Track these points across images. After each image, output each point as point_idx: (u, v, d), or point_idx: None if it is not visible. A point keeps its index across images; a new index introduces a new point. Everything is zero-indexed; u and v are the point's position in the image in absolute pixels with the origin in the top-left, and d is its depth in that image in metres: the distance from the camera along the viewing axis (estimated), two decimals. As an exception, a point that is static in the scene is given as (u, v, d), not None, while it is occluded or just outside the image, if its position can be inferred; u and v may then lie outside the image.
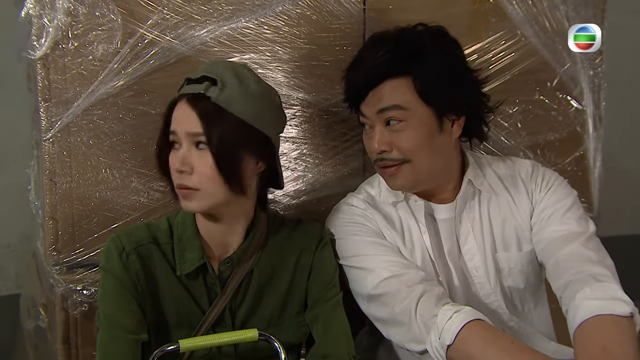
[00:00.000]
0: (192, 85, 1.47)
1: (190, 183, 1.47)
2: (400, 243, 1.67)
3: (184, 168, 1.46)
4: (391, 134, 1.59)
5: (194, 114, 1.45)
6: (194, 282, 1.55)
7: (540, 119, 2.02)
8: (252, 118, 1.48)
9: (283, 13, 1.79)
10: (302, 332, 1.64)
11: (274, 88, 1.57)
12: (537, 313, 1.75)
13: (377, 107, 1.59)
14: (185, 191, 1.48)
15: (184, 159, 1.46)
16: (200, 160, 1.46)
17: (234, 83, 1.47)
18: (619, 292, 1.49)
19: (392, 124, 1.59)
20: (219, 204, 1.50)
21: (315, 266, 1.62)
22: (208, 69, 1.48)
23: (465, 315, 1.48)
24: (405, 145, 1.59)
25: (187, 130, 1.46)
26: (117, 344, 1.49)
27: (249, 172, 1.51)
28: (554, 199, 1.69)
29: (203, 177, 1.46)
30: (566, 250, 1.60)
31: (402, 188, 1.66)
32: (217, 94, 1.45)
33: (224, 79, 1.47)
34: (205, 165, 1.46)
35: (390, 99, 1.58)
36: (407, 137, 1.58)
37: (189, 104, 1.46)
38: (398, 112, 1.58)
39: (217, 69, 1.49)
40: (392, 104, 1.58)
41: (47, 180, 1.71)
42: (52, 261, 1.73)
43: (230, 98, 1.46)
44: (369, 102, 1.60)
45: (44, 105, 1.68)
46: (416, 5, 1.87)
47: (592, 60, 2.02)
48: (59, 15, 1.64)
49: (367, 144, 1.65)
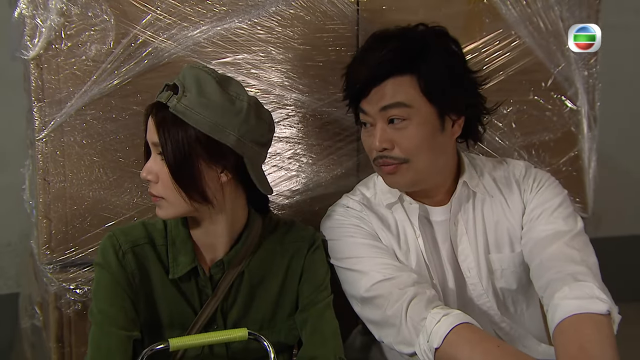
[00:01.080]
0: (161, 93, 1.48)
1: (155, 191, 1.50)
2: (396, 245, 1.68)
3: (148, 177, 1.50)
4: (393, 132, 1.59)
5: (153, 124, 1.47)
6: (186, 284, 1.56)
7: (534, 120, 2.02)
8: (211, 129, 1.45)
9: (276, 14, 1.79)
10: (293, 335, 1.64)
11: (245, 92, 1.52)
12: (529, 314, 1.75)
13: (380, 105, 1.58)
14: (153, 199, 1.51)
15: (149, 168, 1.50)
16: (162, 170, 1.48)
17: (192, 92, 1.45)
18: (596, 291, 1.48)
19: (395, 122, 1.58)
20: (187, 212, 1.51)
21: (307, 269, 1.62)
22: (180, 76, 1.48)
23: (453, 318, 1.49)
24: (407, 143, 1.58)
25: (151, 139, 1.49)
26: (109, 340, 1.49)
27: (211, 183, 1.49)
28: (543, 198, 1.69)
29: (165, 186, 1.48)
30: (550, 249, 1.60)
31: (400, 187, 1.66)
32: (174, 103, 1.44)
33: (185, 87, 1.45)
34: (165, 175, 1.47)
35: (394, 96, 1.57)
36: (410, 136, 1.58)
37: (152, 113, 1.48)
38: (401, 110, 1.58)
39: (184, 76, 1.47)
40: (396, 102, 1.57)
41: (40, 179, 1.72)
42: (46, 260, 1.74)
43: (187, 107, 1.44)
44: (372, 99, 1.59)
45: (37, 105, 1.69)
46: (410, 5, 1.87)
47: (586, 60, 2.02)
48: (52, 16, 1.65)
49: (366, 141, 1.65)
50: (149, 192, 1.51)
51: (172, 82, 1.47)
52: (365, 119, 1.63)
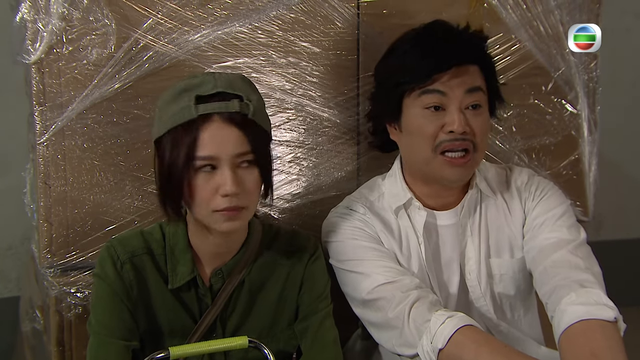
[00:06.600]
0: (218, 103, 1.42)
1: (241, 203, 1.44)
2: (397, 250, 1.68)
3: (239, 190, 1.43)
4: (471, 117, 1.60)
5: (238, 134, 1.42)
6: (185, 293, 1.56)
7: (535, 123, 2.02)
8: (269, 128, 1.51)
9: (277, 18, 1.80)
10: (292, 344, 1.64)
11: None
12: (526, 321, 1.75)
13: (465, 86, 1.59)
14: (233, 212, 1.44)
15: (236, 182, 1.42)
16: (248, 178, 1.45)
17: (255, 97, 1.46)
18: (603, 298, 1.49)
19: (476, 108, 1.61)
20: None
21: (307, 279, 1.61)
22: (223, 84, 1.44)
23: (458, 320, 1.49)
24: (482, 130, 1.61)
25: (234, 152, 1.42)
26: (108, 350, 1.49)
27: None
28: (546, 207, 1.69)
29: (251, 195, 1.46)
30: (554, 257, 1.60)
31: (461, 180, 1.66)
32: (251, 110, 1.43)
33: (247, 94, 1.45)
34: (252, 182, 1.45)
35: (476, 80, 1.60)
36: (484, 123, 1.63)
37: (230, 123, 1.42)
38: (480, 96, 1.61)
39: (232, 83, 1.45)
40: (477, 86, 1.61)
41: (41, 183, 1.72)
42: (47, 263, 1.74)
43: (257, 112, 1.45)
44: (454, 80, 1.58)
45: (39, 109, 1.69)
46: (410, 9, 1.88)
47: (587, 64, 2.02)
48: (53, 20, 1.65)
49: (430, 125, 1.60)
50: (229, 206, 1.43)
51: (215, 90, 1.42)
52: (438, 100, 1.59)
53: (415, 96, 1.61)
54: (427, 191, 1.69)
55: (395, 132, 1.69)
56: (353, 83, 1.87)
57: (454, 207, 1.70)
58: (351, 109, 1.88)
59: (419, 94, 1.60)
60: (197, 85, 1.44)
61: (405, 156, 1.71)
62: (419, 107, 1.61)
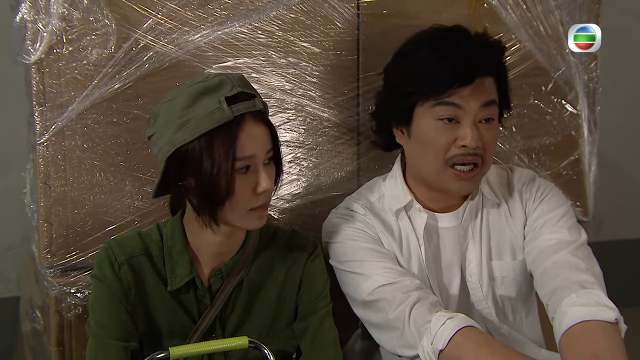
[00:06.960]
0: (245, 103, 1.43)
1: (269, 200, 1.51)
2: (398, 251, 1.68)
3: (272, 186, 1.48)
4: (484, 131, 1.59)
5: (265, 131, 1.46)
6: (184, 294, 1.56)
7: (535, 123, 2.02)
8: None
9: (277, 18, 1.80)
10: (291, 344, 1.64)
11: None
12: (527, 323, 1.76)
13: (482, 100, 1.57)
14: (262, 210, 1.48)
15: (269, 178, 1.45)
16: (272, 175, 1.48)
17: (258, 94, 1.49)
18: (604, 299, 1.49)
19: (488, 120, 1.60)
20: None
21: (306, 278, 1.61)
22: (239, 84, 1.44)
23: (458, 321, 1.49)
24: (492, 144, 1.61)
25: (266, 148, 1.46)
26: (107, 351, 1.49)
27: None
28: (547, 208, 1.69)
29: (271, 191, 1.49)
30: (555, 258, 1.60)
31: (467, 192, 1.67)
32: (262, 107, 1.47)
33: (255, 92, 1.48)
34: (272, 178, 1.48)
35: (491, 93, 1.59)
36: (495, 137, 1.63)
37: (259, 122, 1.45)
38: (494, 110, 1.61)
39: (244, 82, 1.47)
40: (492, 99, 1.60)
41: (41, 183, 1.72)
42: (47, 264, 1.74)
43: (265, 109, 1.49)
44: (470, 93, 1.56)
45: (39, 109, 1.69)
46: (410, 10, 1.88)
47: (586, 64, 2.02)
48: (53, 20, 1.65)
49: (442, 137, 1.58)
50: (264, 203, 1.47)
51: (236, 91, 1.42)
52: (453, 113, 1.57)
53: (429, 106, 1.58)
54: (429, 195, 1.69)
55: (402, 136, 1.67)
56: (353, 83, 1.87)
57: (455, 209, 1.70)
58: (351, 109, 1.88)
59: (433, 104, 1.58)
60: (216, 87, 1.43)
61: (411, 162, 1.69)
62: (431, 118, 1.59)
